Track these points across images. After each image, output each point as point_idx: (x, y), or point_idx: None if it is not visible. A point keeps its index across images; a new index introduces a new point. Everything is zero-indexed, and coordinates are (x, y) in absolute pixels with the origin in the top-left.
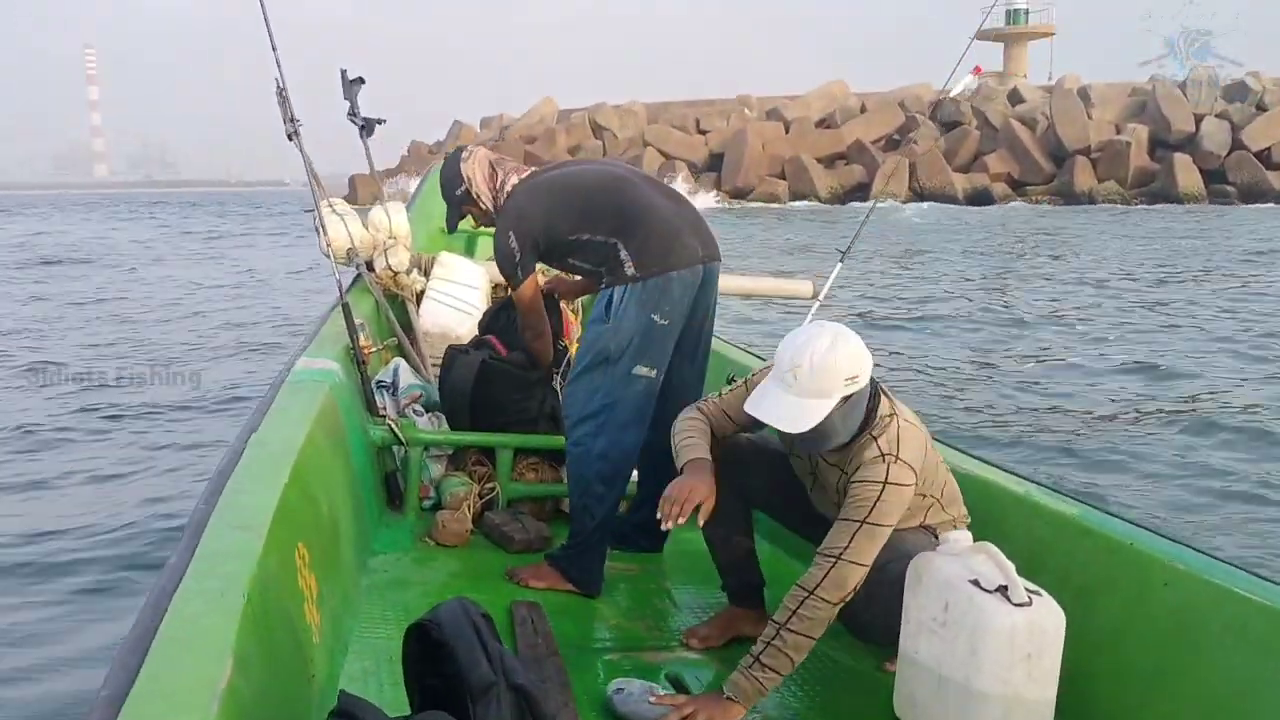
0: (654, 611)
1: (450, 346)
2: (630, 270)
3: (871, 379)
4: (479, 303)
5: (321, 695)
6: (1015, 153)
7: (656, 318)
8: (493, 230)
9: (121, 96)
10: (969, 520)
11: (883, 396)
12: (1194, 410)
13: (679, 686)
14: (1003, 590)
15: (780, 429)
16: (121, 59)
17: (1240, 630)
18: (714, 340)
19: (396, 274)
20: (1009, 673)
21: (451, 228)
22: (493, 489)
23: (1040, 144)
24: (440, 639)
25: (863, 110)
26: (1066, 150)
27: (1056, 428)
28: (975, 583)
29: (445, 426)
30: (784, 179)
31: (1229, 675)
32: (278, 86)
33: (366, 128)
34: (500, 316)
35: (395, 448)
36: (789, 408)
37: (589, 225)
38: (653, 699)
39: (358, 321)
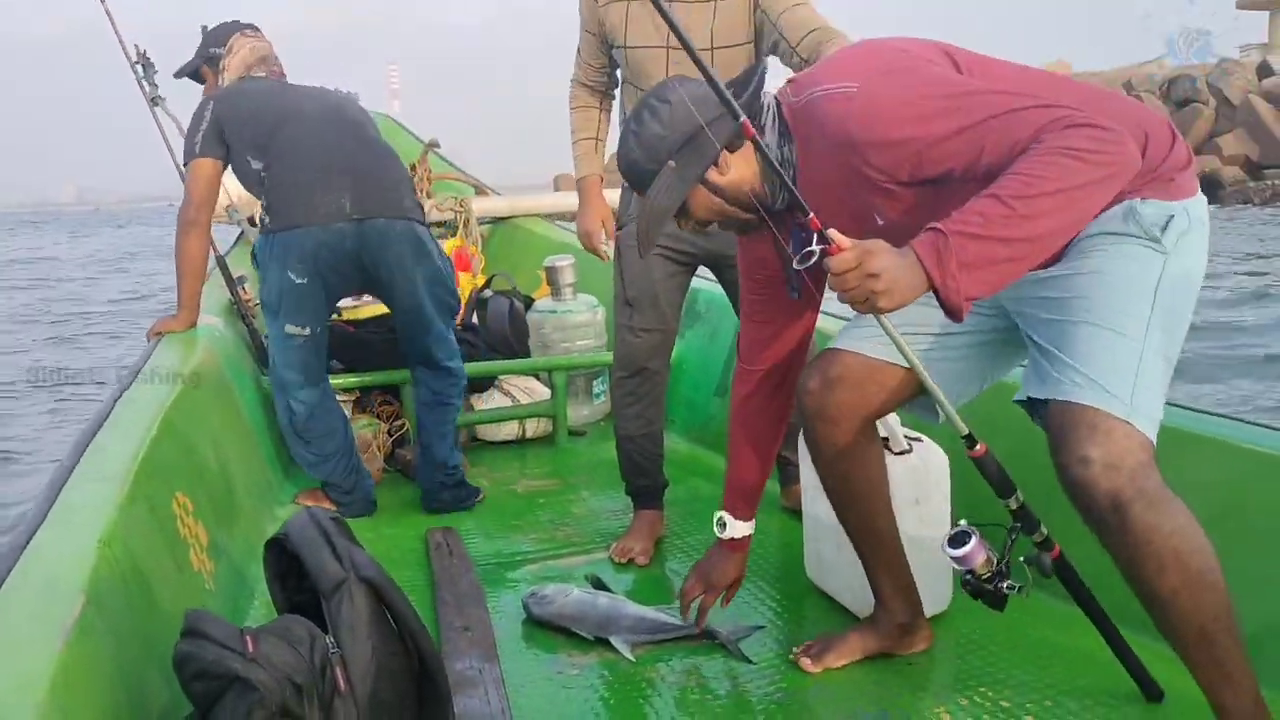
0: (571, 520)
1: None
2: (267, 219)
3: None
4: None
5: None
6: (1255, 133)
7: (292, 275)
8: None
9: (417, 110)
10: None
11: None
12: None
13: (599, 586)
14: (884, 442)
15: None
16: (420, 73)
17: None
18: None
19: None
20: (899, 520)
21: (176, 73)
22: (402, 425)
23: None
24: (293, 550)
25: None
26: None
27: None
28: None
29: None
30: None
31: None
32: (136, 54)
33: None
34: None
35: None
36: None
37: (254, 149)
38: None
39: (237, 274)
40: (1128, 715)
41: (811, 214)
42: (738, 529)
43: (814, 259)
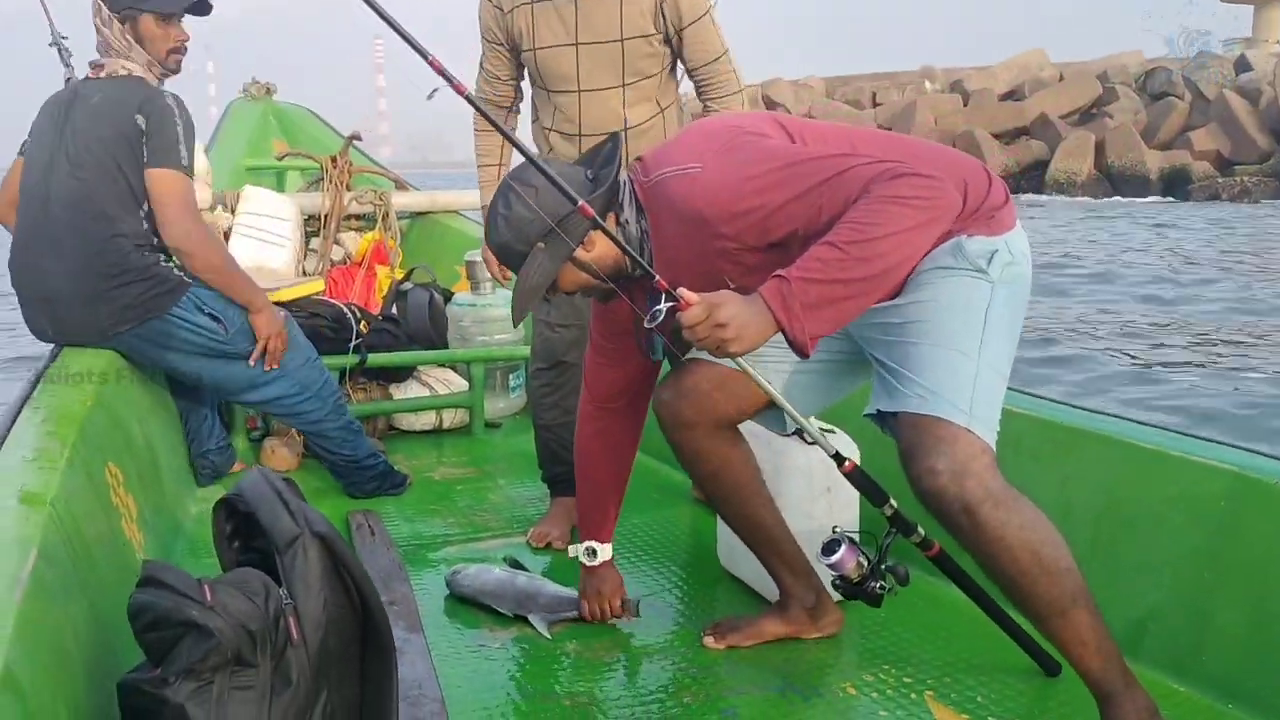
0: (489, 506)
1: None
2: None
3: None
4: (289, 234)
5: None
6: (1227, 128)
7: None
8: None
9: (404, 82)
10: None
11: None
12: None
13: (517, 567)
14: (798, 433)
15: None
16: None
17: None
18: None
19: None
20: (811, 507)
21: None
22: None
23: (1259, 118)
24: (246, 509)
25: (1060, 80)
26: None
27: None
28: None
29: None
30: None
31: None
32: (53, 36)
33: None
34: None
35: None
36: None
37: None
38: None
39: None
40: (1022, 690)
41: (657, 276)
42: (608, 551)
43: (661, 317)
